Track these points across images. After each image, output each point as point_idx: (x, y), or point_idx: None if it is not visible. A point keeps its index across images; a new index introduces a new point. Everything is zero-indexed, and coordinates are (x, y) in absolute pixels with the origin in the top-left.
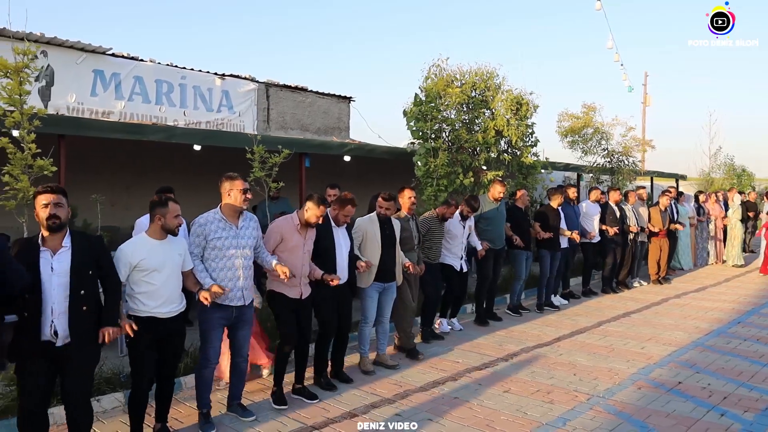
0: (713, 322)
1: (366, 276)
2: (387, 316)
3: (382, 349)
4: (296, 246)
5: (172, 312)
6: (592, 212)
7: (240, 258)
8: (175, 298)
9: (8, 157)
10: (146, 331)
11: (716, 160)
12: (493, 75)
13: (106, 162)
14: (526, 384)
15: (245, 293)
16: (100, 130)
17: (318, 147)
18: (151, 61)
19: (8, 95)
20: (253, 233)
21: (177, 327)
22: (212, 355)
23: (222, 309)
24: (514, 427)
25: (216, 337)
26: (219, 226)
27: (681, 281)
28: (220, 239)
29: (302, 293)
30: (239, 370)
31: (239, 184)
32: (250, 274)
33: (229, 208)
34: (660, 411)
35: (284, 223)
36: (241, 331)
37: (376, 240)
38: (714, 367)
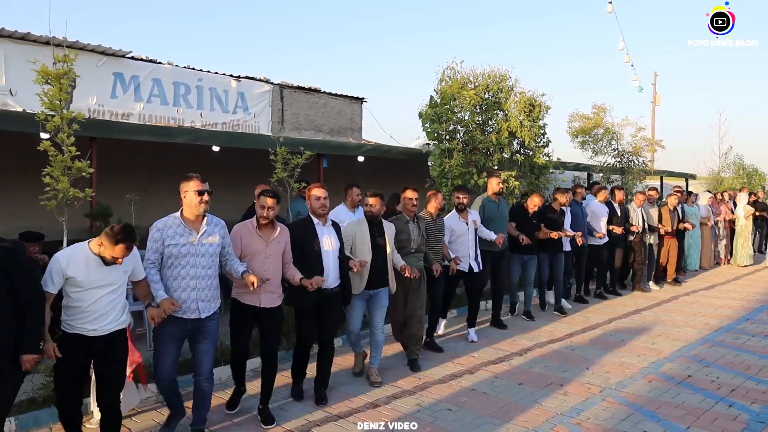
0: (722, 319)
1: (357, 282)
2: (380, 326)
3: (374, 363)
4: (256, 251)
5: (103, 331)
6: (600, 213)
7: (198, 267)
8: (111, 316)
9: (49, 159)
10: (75, 350)
11: (726, 159)
12: (505, 77)
13: (130, 162)
14: (540, 377)
15: (201, 305)
16: (130, 132)
17: (336, 148)
18: (169, 64)
19: (50, 100)
20: (217, 240)
21: (111, 347)
22: (161, 371)
23: (175, 322)
24: (531, 417)
25: (165, 352)
26: (177, 231)
27: (691, 279)
28: (176, 246)
29: (261, 301)
30: (199, 391)
31: (194, 184)
32: (210, 284)
33: (187, 212)
34: (670, 402)
35: (241, 228)
36: (200, 345)
37: (366, 243)
38: (723, 361)
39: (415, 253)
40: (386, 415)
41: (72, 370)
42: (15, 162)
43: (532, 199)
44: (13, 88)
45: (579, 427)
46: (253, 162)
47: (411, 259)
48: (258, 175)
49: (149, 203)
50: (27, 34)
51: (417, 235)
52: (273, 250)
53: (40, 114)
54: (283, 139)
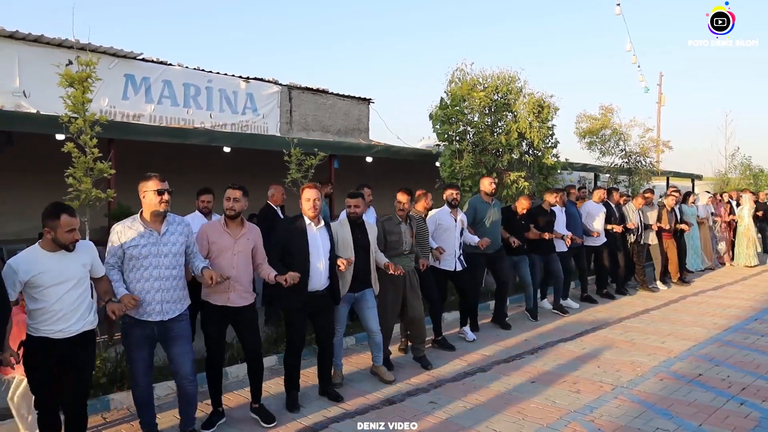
0: (731, 319)
1: (340, 284)
2: (376, 329)
3: (378, 361)
4: (223, 248)
5: (70, 332)
6: (595, 212)
7: (160, 267)
8: (76, 316)
9: (72, 160)
10: (42, 354)
11: (733, 160)
12: (514, 79)
13: (144, 163)
14: (552, 375)
15: (166, 306)
16: (147, 134)
17: (348, 149)
18: (179, 66)
19: (73, 103)
20: (179, 239)
21: (78, 350)
22: (138, 375)
23: (141, 326)
24: (545, 414)
25: (139, 356)
26: (138, 232)
27: (698, 280)
28: (137, 247)
29: (230, 299)
30: (183, 394)
31: (153, 183)
32: (175, 285)
33: (147, 213)
34: (682, 400)
35: (209, 226)
36: (175, 348)
37: (349, 245)
38: (732, 360)
39: (408, 254)
40: (401, 412)
41: (41, 376)
42: (32, 163)
43: (520, 201)
44: (26, 90)
45: (593, 424)
46: (264, 163)
47: (403, 260)
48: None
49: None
50: (40, 37)
51: (409, 236)
52: (242, 246)
53: (64, 116)
54: (297, 141)
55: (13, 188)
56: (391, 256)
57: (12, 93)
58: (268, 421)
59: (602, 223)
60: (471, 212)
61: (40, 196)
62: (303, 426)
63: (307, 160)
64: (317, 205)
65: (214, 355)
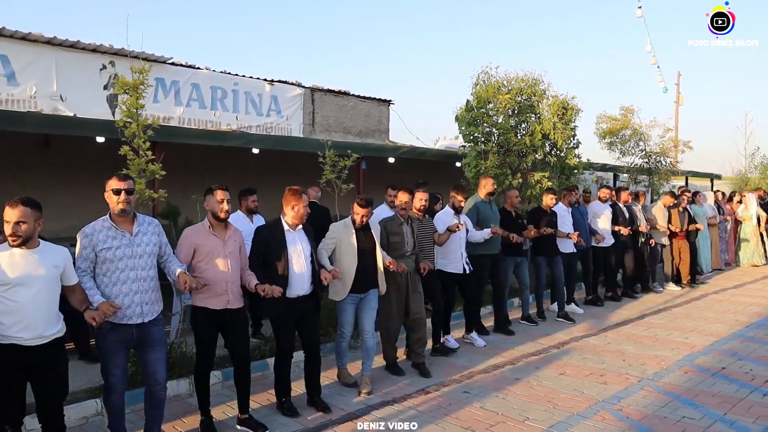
0: (753, 316)
1: (340, 288)
2: (370, 331)
3: (366, 369)
4: (213, 250)
5: (40, 338)
6: (600, 212)
7: (137, 269)
8: (46, 320)
9: (127, 162)
10: (7, 362)
11: (753, 160)
12: (538, 81)
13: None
14: (579, 368)
15: (145, 308)
16: (188, 137)
17: (376, 150)
18: (207, 69)
19: (128, 109)
20: (152, 239)
21: (49, 358)
22: (113, 382)
23: (119, 330)
24: (574, 403)
25: (115, 363)
26: (109, 234)
27: (718, 279)
28: (110, 249)
29: (229, 301)
30: (153, 399)
31: (112, 183)
32: (152, 286)
33: (114, 214)
34: (706, 391)
35: (192, 230)
36: (150, 354)
37: (352, 248)
38: (755, 355)
39: (409, 256)
40: (437, 401)
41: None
42: (69, 164)
43: (509, 196)
44: (63, 94)
45: (621, 412)
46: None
47: (405, 261)
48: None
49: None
50: (77, 42)
51: (411, 237)
52: (231, 248)
53: (120, 121)
54: (332, 143)
55: (50, 188)
56: (394, 257)
57: (50, 97)
58: (261, 428)
59: (608, 223)
60: (474, 213)
61: (77, 196)
62: (346, 413)
63: (340, 161)
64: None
65: (209, 358)
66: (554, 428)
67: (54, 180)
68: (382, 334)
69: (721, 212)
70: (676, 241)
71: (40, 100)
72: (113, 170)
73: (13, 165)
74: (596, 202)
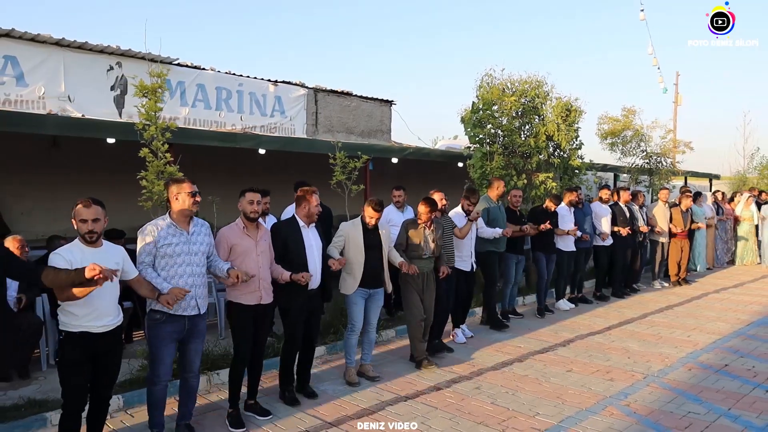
0: (753, 315)
1: (351, 282)
2: (374, 324)
3: (366, 359)
4: (247, 250)
5: (107, 326)
6: (601, 213)
7: (192, 265)
8: (110, 310)
9: (146, 164)
10: (78, 347)
11: (753, 160)
12: (542, 83)
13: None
14: (585, 365)
15: (199, 302)
16: (201, 138)
17: (383, 151)
18: (212, 70)
19: (146, 112)
20: (205, 239)
21: (113, 343)
22: (163, 372)
23: (174, 321)
24: (583, 399)
25: (167, 353)
26: (169, 232)
27: (717, 278)
28: (170, 246)
29: (262, 297)
30: (188, 387)
31: (187, 186)
32: (203, 282)
33: (178, 213)
34: (710, 387)
35: (228, 230)
36: (193, 345)
37: (359, 245)
38: (757, 352)
39: (428, 258)
40: (449, 397)
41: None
42: (78, 164)
43: (510, 195)
44: (71, 95)
45: (628, 408)
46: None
47: (422, 262)
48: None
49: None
50: (84, 44)
51: (431, 241)
52: (263, 247)
53: (139, 124)
54: (341, 144)
55: (61, 189)
56: (411, 258)
57: (58, 98)
58: (264, 414)
59: (608, 223)
60: (484, 214)
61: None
62: (358, 407)
63: (350, 163)
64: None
65: (246, 352)
66: (564, 423)
67: (64, 180)
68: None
69: (720, 212)
70: (676, 240)
71: (49, 100)
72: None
73: (23, 165)
74: (597, 202)
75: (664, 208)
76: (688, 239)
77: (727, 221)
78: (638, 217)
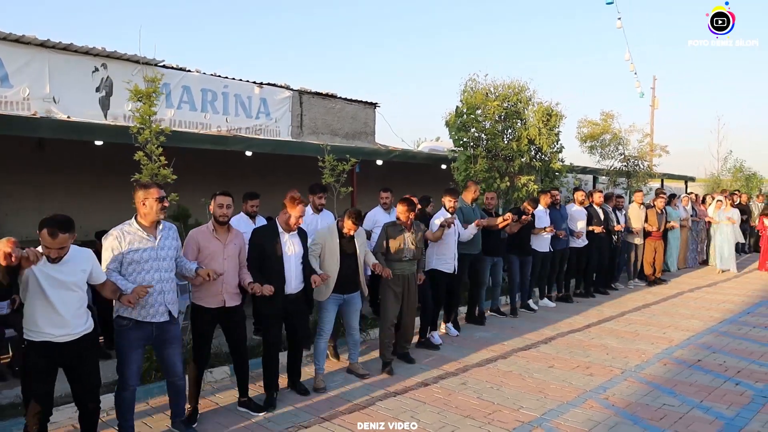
0: (725, 312)
1: (323, 289)
2: (355, 326)
3: (354, 359)
4: (214, 253)
5: (71, 335)
6: (577, 216)
7: (161, 271)
8: (73, 320)
9: (141, 167)
10: (41, 357)
11: (726, 163)
12: (524, 88)
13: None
14: (566, 361)
15: (170, 307)
16: (193, 141)
17: (371, 154)
18: (197, 72)
19: (141, 116)
20: (173, 243)
21: (81, 352)
22: (130, 376)
23: (141, 328)
24: (564, 393)
25: (134, 359)
26: (135, 238)
27: (692, 277)
28: (137, 252)
29: (225, 301)
30: (175, 389)
31: (154, 192)
32: (173, 287)
33: (145, 219)
34: (684, 381)
35: (198, 232)
36: (169, 350)
37: (335, 253)
38: (728, 348)
39: (409, 261)
40: (437, 393)
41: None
42: (63, 166)
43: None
44: (56, 96)
45: (607, 401)
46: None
47: (403, 265)
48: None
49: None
50: (70, 45)
51: (411, 243)
52: (230, 251)
53: (134, 127)
54: (330, 147)
55: (47, 190)
56: (392, 260)
57: (43, 99)
58: (258, 410)
59: (584, 224)
60: (459, 213)
61: (72, 197)
62: (352, 404)
63: (339, 165)
64: (300, 223)
65: (207, 355)
66: (547, 416)
67: (49, 181)
68: (380, 336)
69: (694, 213)
70: (651, 240)
71: (33, 102)
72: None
73: (8, 166)
74: (572, 204)
75: (639, 210)
76: (662, 240)
77: (700, 222)
78: (612, 218)
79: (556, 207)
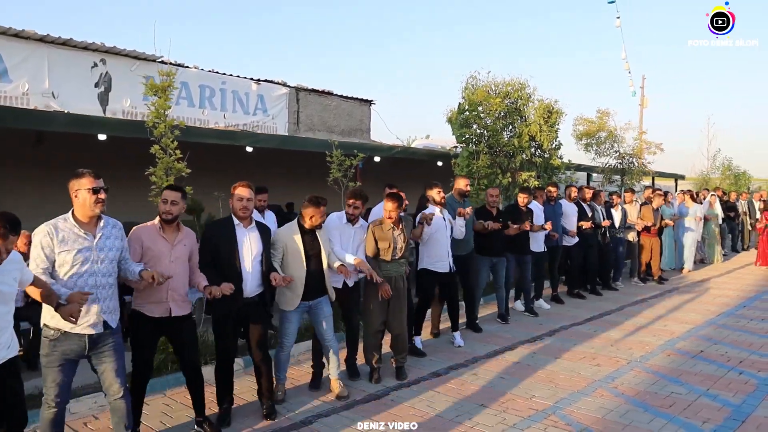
0: (722, 306)
1: (291, 297)
2: (330, 335)
3: (335, 374)
4: (159, 254)
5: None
6: (570, 212)
7: (97, 275)
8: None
9: (156, 161)
10: None
11: (715, 162)
12: (524, 86)
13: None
14: (572, 352)
15: (107, 317)
16: (201, 136)
17: (373, 150)
18: (195, 68)
19: (156, 110)
20: (116, 243)
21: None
22: (56, 395)
23: (69, 339)
24: (573, 383)
25: (62, 375)
26: (70, 235)
27: (688, 273)
28: (70, 252)
29: (171, 310)
30: (117, 410)
31: (86, 182)
32: (112, 294)
33: (80, 213)
34: (689, 371)
35: (143, 229)
36: (106, 365)
37: (299, 253)
38: (728, 340)
39: (399, 260)
40: (449, 383)
41: None
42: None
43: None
44: (55, 91)
45: (617, 389)
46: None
47: (393, 265)
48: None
49: None
50: (69, 40)
51: (401, 242)
52: (179, 253)
53: (149, 121)
54: (338, 143)
55: (47, 184)
56: (379, 261)
57: (42, 94)
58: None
59: (575, 220)
60: (448, 208)
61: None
62: (367, 393)
63: (346, 161)
64: (250, 207)
65: (147, 368)
66: (560, 404)
67: (48, 176)
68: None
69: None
70: (647, 238)
71: (32, 97)
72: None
73: (7, 159)
74: (564, 201)
75: (633, 208)
76: (658, 238)
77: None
78: (599, 215)
79: (551, 203)
